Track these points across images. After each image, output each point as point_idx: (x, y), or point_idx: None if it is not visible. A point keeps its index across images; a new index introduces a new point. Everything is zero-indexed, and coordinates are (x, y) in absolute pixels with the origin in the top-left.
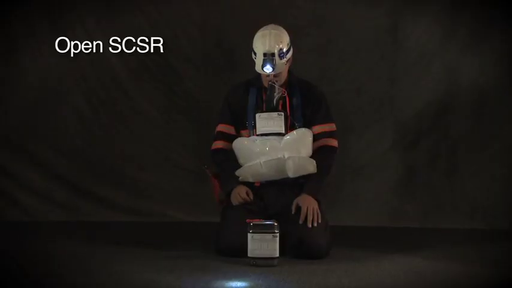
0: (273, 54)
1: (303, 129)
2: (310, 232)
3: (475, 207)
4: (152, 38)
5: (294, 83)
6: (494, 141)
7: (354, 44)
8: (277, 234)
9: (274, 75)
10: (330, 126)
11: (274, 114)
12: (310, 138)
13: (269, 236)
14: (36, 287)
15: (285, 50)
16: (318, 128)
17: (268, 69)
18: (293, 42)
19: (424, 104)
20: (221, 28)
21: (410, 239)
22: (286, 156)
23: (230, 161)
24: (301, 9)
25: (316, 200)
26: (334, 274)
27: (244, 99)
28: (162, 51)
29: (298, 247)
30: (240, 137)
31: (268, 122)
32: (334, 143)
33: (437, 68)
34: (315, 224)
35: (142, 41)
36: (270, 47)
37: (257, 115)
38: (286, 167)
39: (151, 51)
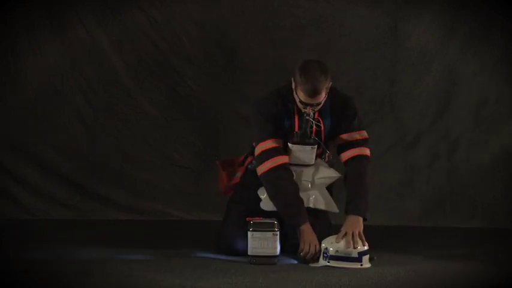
0: (313, 104)
1: (335, 173)
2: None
3: (475, 207)
4: (153, 38)
5: (327, 102)
6: (494, 141)
7: (354, 43)
8: (278, 233)
9: (312, 109)
10: (361, 134)
11: (308, 147)
12: (337, 178)
13: (269, 235)
14: (36, 287)
15: (324, 96)
16: (348, 136)
17: (307, 114)
18: (293, 43)
19: (424, 104)
20: (221, 28)
21: (410, 238)
22: (312, 206)
23: (294, 183)
24: (302, 8)
25: (364, 218)
26: (334, 273)
27: (282, 115)
28: (162, 51)
29: (298, 246)
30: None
31: (301, 154)
32: (367, 151)
33: (437, 68)
34: (359, 248)
35: (142, 40)
36: (311, 100)
37: (290, 145)
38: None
39: (152, 51)
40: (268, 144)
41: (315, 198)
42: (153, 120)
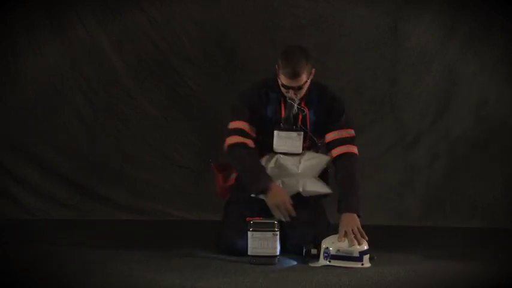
0: (294, 87)
1: (323, 156)
2: (310, 231)
3: (475, 206)
4: (153, 38)
5: (314, 92)
6: (494, 141)
7: (354, 43)
8: (278, 233)
9: (295, 93)
10: (349, 132)
11: (294, 134)
12: (326, 162)
13: (269, 235)
14: (36, 287)
15: (305, 80)
16: (336, 134)
17: (291, 99)
18: (293, 43)
19: (424, 104)
20: (221, 28)
21: (410, 238)
22: (301, 190)
23: (254, 156)
24: (302, 8)
25: (358, 215)
26: (334, 273)
27: (264, 104)
28: (162, 51)
29: (298, 245)
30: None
31: (287, 141)
32: (355, 149)
33: (437, 68)
34: (363, 243)
35: (142, 40)
36: (292, 82)
37: (275, 132)
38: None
39: (152, 51)
40: (241, 125)
41: (304, 182)
42: (153, 120)
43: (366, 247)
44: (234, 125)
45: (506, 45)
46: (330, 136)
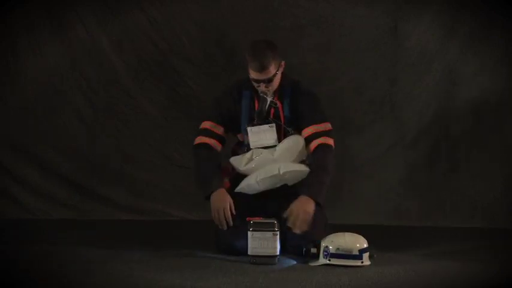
0: (264, 80)
1: (295, 136)
2: (309, 231)
3: (475, 206)
4: (153, 38)
5: (287, 86)
6: (494, 141)
7: (354, 43)
8: (278, 233)
9: (266, 86)
10: (325, 126)
11: (266, 126)
12: (303, 144)
13: (269, 234)
14: (36, 287)
15: (273, 72)
16: (313, 129)
17: (263, 93)
18: (293, 43)
19: (424, 104)
20: (221, 28)
21: (410, 237)
22: (281, 172)
23: (212, 159)
24: (302, 8)
25: (317, 202)
26: (334, 272)
27: (238, 103)
28: (162, 51)
29: (298, 245)
30: (229, 137)
31: (260, 135)
32: (331, 141)
33: (437, 68)
34: (299, 231)
35: (142, 40)
36: (261, 75)
37: (248, 128)
38: (283, 179)
39: (152, 51)
40: (207, 124)
41: (284, 165)
42: (153, 120)
43: (365, 245)
44: (202, 125)
45: (506, 45)
46: (306, 131)
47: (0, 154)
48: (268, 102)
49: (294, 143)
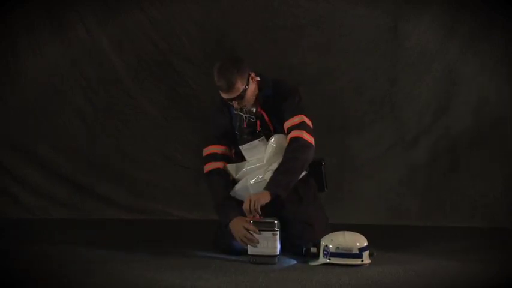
0: (235, 98)
1: (276, 136)
2: (309, 230)
3: (475, 206)
4: (153, 38)
5: (270, 94)
6: (494, 141)
7: (354, 43)
8: (277, 232)
9: (238, 103)
10: (299, 118)
11: (256, 142)
12: (286, 142)
13: (269, 234)
14: (36, 287)
15: (242, 88)
16: (288, 123)
17: (235, 108)
18: (293, 43)
19: (424, 104)
20: (221, 28)
21: (411, 237)
22: (266, 178)
23: (225, 185)
24: (302, 8)
25: (277, 195)
26: (334, 272)
27: (228, 118)
28: (162, 51)
29: (298, 245)
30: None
31: (253, 151)
32: (301, 133)
33: (437, 68)
34: (250, 216)
35: (142, 40)
36: (229, 94)
37: (240, 147)
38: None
39: (152, 51)
40: (210, 149)
41: (272, 169)
42: (153, 120)
43: (365, 244)
44: (206, 151)
45: (506, 45)
46: (285, 127)
47: (0, 154)
48: (246, 118)
49: (277, 144)
